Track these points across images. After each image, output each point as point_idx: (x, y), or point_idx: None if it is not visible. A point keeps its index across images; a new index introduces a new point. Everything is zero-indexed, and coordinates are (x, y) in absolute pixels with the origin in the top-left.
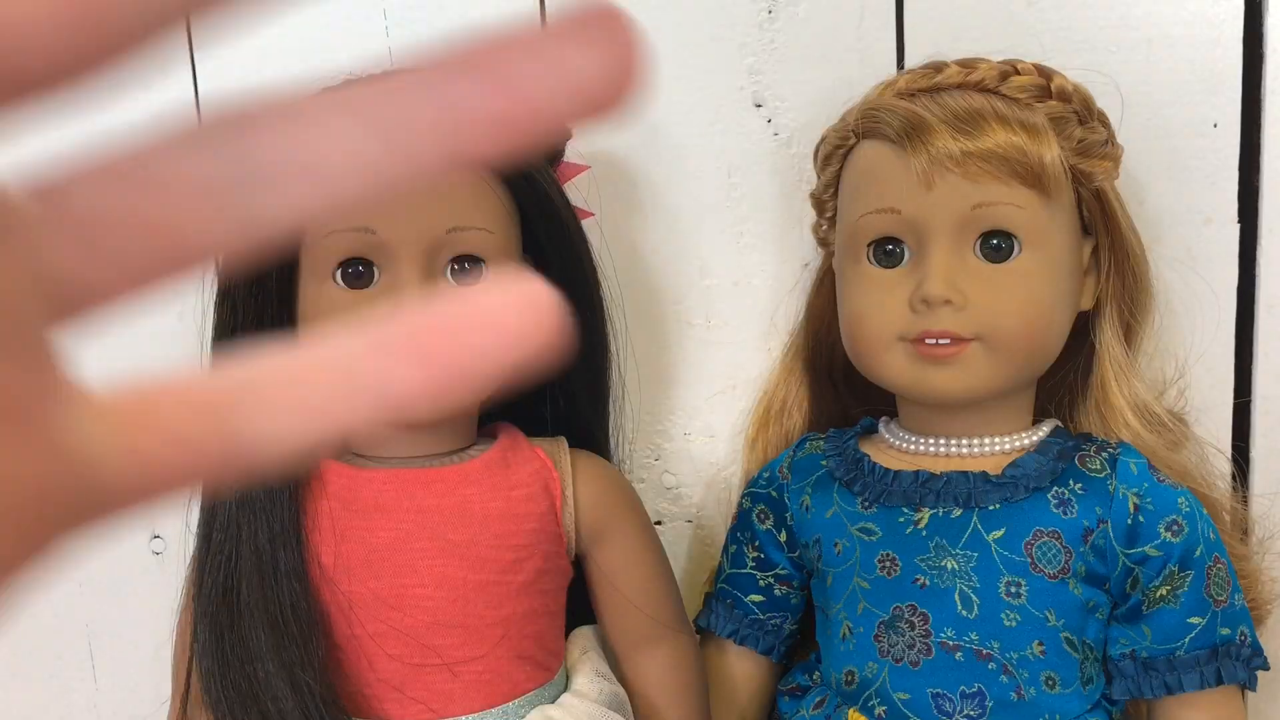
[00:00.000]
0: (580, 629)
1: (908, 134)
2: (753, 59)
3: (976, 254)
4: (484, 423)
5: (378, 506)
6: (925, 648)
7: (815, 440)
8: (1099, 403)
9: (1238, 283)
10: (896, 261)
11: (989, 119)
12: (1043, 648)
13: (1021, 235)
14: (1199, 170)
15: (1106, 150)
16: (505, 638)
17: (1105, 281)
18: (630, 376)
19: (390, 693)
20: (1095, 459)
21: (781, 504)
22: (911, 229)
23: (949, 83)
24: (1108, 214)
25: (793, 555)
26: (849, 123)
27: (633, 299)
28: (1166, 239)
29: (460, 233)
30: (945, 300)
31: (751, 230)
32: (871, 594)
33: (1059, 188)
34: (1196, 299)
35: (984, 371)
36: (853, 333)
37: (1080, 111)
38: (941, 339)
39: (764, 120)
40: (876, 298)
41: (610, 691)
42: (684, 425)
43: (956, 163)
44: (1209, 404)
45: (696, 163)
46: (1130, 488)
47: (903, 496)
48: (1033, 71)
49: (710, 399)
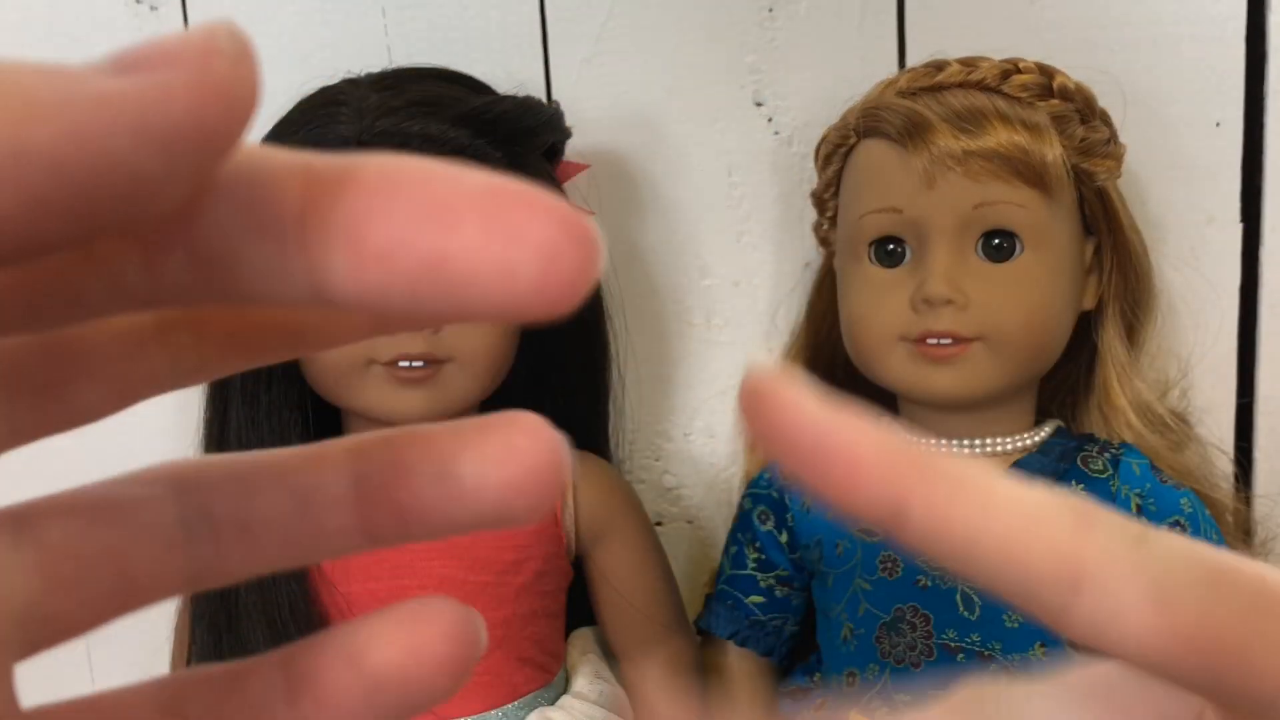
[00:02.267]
0: (580, 630)
1: (909, 133)
2: (753, 58)
3: (978, 253)
4: None
5: None
6: (927, 649)
7: None
8: (1101, 403)
9: (1240, 282)
10: (898, 261)
11: (991, 118)
12: (1045, 650)
13: (1023, 235)
14: (1202, 169)
15: (1109, 149)
16: (505, 639)
17: (1107, 281)
18: (630, 376)
19: None
20: (1098, 460)
21: (782, 505)
22: (913, 228)
23: (950, 81)
24: (1110, 213)
25: (794, 556)
26: (850, 122)
27: (633, 299)
28: (1169, 238)
29: None
30: (947, 300)
31: (752, 230)
32: (873, 595)
33: (1061, 187)
34: (1199, 299)
35: (986, 372)
36: (853, 333)
37: (1082, 110)
38: (943, 339)
39: (764, 119)
40: (877, 297)
41: (610, 693)
42: (684, 426)
43: (958, 161)
44: (1212, 404)
45: (696, 162)
46: (1133, 488)
47: None
48: (1034, 70)
49: (710, 399)
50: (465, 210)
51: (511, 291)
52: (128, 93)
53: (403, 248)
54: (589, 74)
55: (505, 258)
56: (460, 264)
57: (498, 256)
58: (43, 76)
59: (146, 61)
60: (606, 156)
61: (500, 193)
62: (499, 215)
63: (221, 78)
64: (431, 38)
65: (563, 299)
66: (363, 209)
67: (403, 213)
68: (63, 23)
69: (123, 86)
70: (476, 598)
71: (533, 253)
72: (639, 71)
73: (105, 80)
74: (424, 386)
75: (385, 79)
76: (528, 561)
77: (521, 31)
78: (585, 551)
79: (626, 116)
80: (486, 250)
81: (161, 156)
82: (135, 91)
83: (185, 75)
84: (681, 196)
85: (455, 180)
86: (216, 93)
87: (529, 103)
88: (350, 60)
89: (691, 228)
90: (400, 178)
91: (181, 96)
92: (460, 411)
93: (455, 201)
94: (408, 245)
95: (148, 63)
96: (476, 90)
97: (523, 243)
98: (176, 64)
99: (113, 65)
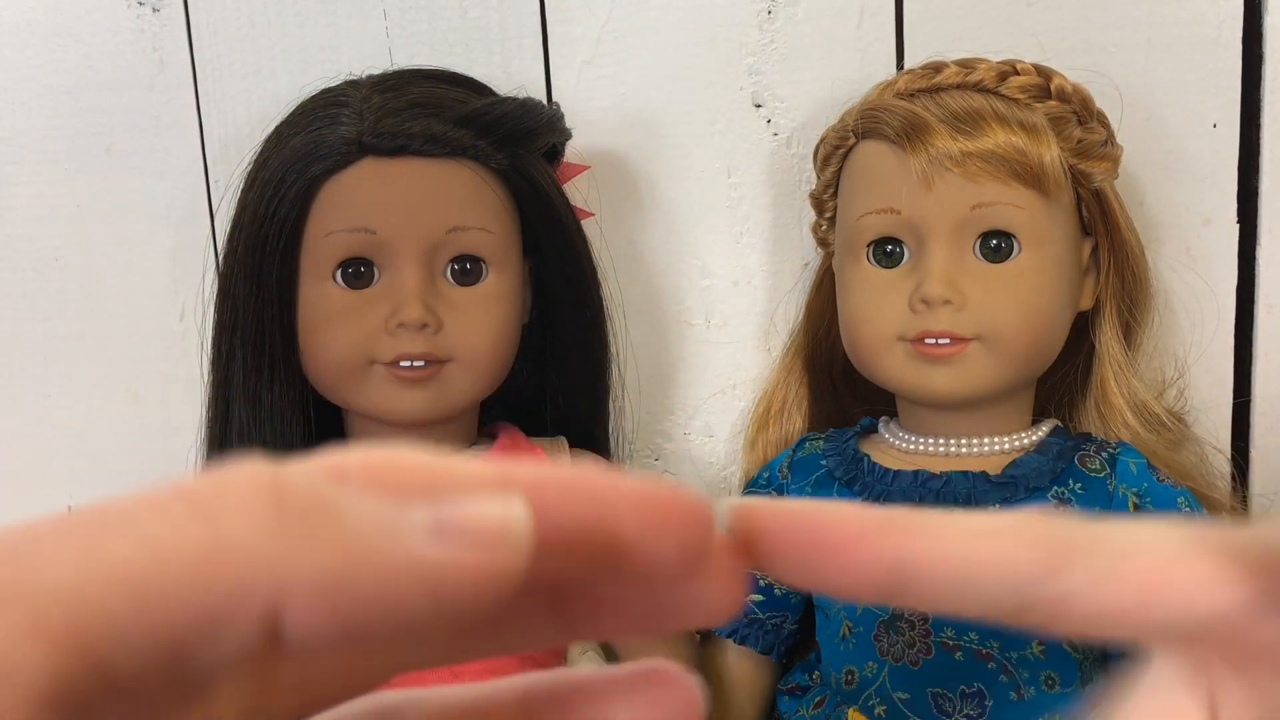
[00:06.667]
0: None
1: (907, 134)
2: (752, 59)
3: (976, 254)
4: (484, 423)
5: None
6: (925, 647)
7: (815, 440)
8: (1098, 402)
9: (1237, 282)
10: (896, 261)
11: (988, 119)
12: (1042, 648)
13: (1021, 235)
14: (1198, 170)
15: (1106, 150)
16: None
17: (1105, 281)
18: (630, 376)
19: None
20: (1095, 459)
21: None
22: (911, 229)
23: (948, 83)
24: (1107, 214)
25: None
26: (848, 123)
27: (633, 299)
28: (1166, 239)
29: (460, 232)
30: (945, 300)
31: (751, 230)
32: None
33: (1058, 188)
34: (1196, 299)
35: (983, 371)
36: (852, 333)
37: (1079, 112)
38: (941, 339)
39: (764, 120)
40: (876, 298)
41: None
42: (684, 425)
43: (956, 163)
44: (1208, 404)
45: (696, 163)
46: (1130, 487)
47: (902, 496)
48: (1032, 72)
49: (710, 399)
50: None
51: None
52: (429, 564)
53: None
54: (589, 75)
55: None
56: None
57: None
58: (371, 520)
59: (454, 530)
60: (606, 157)
61: (652, 499)
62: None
63: (501, 569)
64: (432, 39)
65: (694, 567)
66: None
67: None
68: (64, 22)
69: (431, 558)
70: None
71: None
72: (639, 72)
73: (421, 544)
74: (425, 386)
75: (386, 80)
76: None
77: (522, 33)
78: None
79: (626, 117)
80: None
81: (430, 603)
82: (436, 564)
83: (477, 559)
84: (681, 197)
85: (619, 493)
86: (493, 578)
87: (529, 104)
88: (351, 61)
89: (691, 228)
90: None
91: (470, 578)
92: (461, 410)
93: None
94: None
95: (455, 532)
96: (477, 91)
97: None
98: (474, 544)
99: (430, 525)
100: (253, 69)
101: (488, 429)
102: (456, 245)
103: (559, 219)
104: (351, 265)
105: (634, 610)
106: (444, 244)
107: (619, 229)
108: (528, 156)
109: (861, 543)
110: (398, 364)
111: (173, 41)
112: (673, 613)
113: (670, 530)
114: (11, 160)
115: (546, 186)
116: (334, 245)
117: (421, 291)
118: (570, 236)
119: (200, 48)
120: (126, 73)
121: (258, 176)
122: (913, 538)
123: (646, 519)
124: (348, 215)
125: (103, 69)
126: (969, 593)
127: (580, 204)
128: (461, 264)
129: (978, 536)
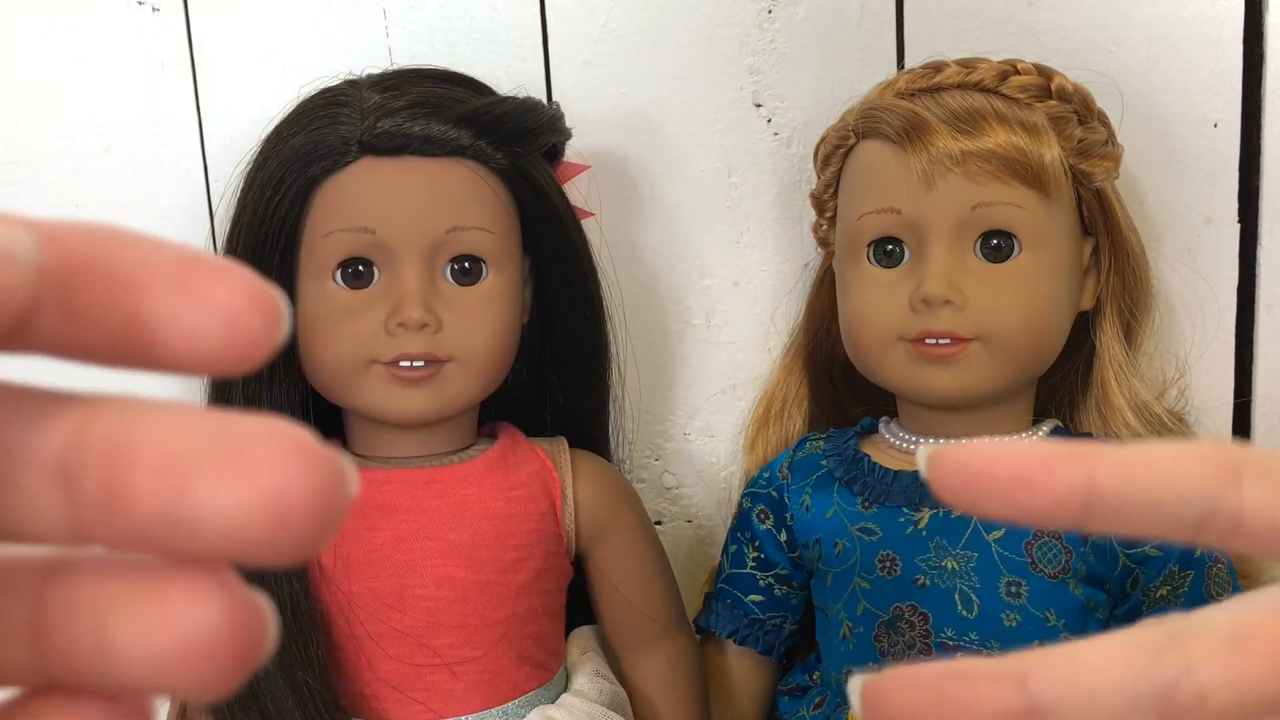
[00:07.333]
0: (580, 629)
1: (908, 134)
2: (752, 59)
3: (976, 254)
4: (484, 422)
5: (377, 506)
6: (926, 648)
7: (815, 440)
8: (1099, 403)
9: (1238, 282)
10: (896, 261)
11: (989, 119)
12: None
13: (1021, 235)
14: (1199, 170)
15: (1106, 150)
16: (505, 638)
17: (1105, 281)
18: (630, 376)
19: (390, 693)
20: None
21: (782, 504)
22: (911, 229)
23: (949, 82)
24: (1108, 214)
25: (793, 555)
26: (849, 122)
27: (633, 299)
28: (1166, 239)
29: (460, 232)
30: (945, 300)
31: (751, 230)
32: (871, 594)
33: (1059, 188)
34: (1197, 299)
35: (984, 372)
36: (852, 333)
37: (1080, 111)
38: (941, 339)
39: (764, 120)
40: (876, 298)
41: (610, 691)
42: (684, 425)
43: (956, 162)
44: (1209, 404)
45: (696, 163)
46: None
47: (903, 496)
48: (1032, 71)
49: (710, 399)
50: (159, 277)
51: (198, 351)
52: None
53: (105, 311)
54: (589, 75)
55: (193, 322)
56: (153, 325)
57: (187, 321)
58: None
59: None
60: (606, 157)
61: (192, 264)
62: (190, 284)
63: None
64: (432, 39)
65: (246, 359)
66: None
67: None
68: (63, 22)
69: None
70: (477, 596)
71: (218, 317)
72: (639, 72)
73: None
74: (425, 386)
75: (386, 80)
76: (528, 560)
77: (522, 32)
78: (585, 550)
79: (626, 117)
80: (178, 316)
81: None
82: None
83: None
84: (681, 197)
85: (155, 249)
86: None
87: (530, 103)
88: (351, 61)
89: (691, 228)
90: (106, 247)
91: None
92: (461, 410)
93: (151, 268)
94: (109, 309)
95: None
96: (477, 91)
97: (210, 309)
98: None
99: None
100: (253, 69)
101: (487, 429)
102: (456, 245)
103: (559, 219)
104: (351, 265)
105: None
106: (444, 244)
107: (619, 229)
108: (528, 156)
109: (1053, 471)
110: (397, 364)
111: (173, 41)
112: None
113: (211, 304)
114: (11, 160)
115: (546, 186)
116: (333, 245)
117: (421, 291)
118: (570, 236)
119: (200, 48)
120: (126, 73)
121: (257, 176)
122: (1100, 464)
123: (180, 283)
124: (347, 215)
125: (102, 69)
126: (1154, 512)
127: (580, 204)
128: (461, 264)
129: (1159, 459)
